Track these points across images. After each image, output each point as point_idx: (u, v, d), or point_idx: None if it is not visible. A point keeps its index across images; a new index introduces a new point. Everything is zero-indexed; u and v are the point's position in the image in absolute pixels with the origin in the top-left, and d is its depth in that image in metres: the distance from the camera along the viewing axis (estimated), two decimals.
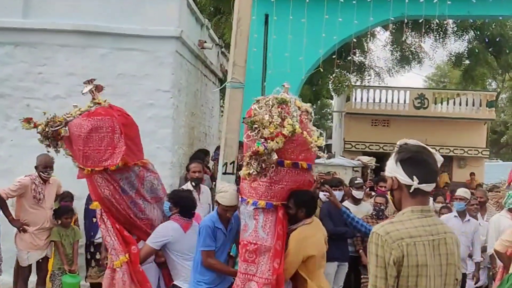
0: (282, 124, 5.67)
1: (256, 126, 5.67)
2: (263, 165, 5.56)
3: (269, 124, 5.62)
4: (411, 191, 3.36)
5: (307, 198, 5.98)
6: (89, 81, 6.89)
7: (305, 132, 5.82)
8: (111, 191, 6.49)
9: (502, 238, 7.67)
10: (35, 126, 6.77)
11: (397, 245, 3.22)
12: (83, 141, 6.47)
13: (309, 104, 6.26)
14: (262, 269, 5.85)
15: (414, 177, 3.34)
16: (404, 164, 3.39)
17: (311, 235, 5.95)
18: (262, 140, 5.57)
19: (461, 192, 9.60)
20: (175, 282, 6.66)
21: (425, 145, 3.52)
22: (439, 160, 3.53)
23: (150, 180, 6.76)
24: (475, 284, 9.28)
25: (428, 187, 3.37)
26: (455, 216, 9.30)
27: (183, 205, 6.71)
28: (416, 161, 3.39)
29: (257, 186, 6.00)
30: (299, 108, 6.06)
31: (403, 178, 3.38)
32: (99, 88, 6.90)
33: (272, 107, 5.80)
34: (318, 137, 5.76)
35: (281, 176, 5.92)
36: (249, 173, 5.61)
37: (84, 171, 6.57)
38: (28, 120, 6.79)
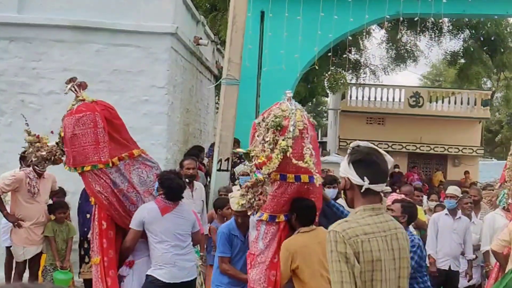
0: (274, 148, 5.63)
1: (252, 156, 5.74)
2: (256, 199, 5.61)
3: (262, 153, 5.63)
4: (362, 191, 3.54)
5: (302, 205, 5.79)
6: (70, 80, 6.88)
7: (304, 148, 5.77)
8: (102, 186, 6.47)
9: (499, 237, 7.67)
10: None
11: (353, 242, 3.38)
12: (69, 141, 6.47)
13: (312, 122, 6.10)
14: (255, 278, 5.84)
15: (365, 178, 3.51)
16: (356, 165, 3.57)
17: (302, 245, 5.73)
18: (255, 169, 5.63)
19: (452, 190, 9.62)
20: (148, 272, 6.44)
21: (376, 147, 3.71)
22: (390, 161, 3.74)
23: (138, 173, 6.69)
24: (468, 281, 9.29)
25: (378, 187, 3.57)
26: (446, 214, 9.32)
27: (167, 187, 6.48)
28: (367, 162, 3.57)
29: None
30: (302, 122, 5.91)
31: (355, 179, 3.56)
32: (83, 86, 6.88)
33: (268, 131, 5.72)
34: (308, 159, 5.66)
35: (284, 189, 5.86)
36: (242, 204, 5.66)
37: (77, 171, 6.54)
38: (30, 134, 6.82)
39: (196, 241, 6.90)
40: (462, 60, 26.10)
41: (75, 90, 6.77)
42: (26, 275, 9.08)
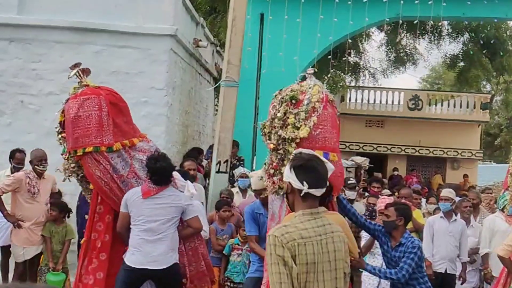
0: (284, 124, 5.71)
1: (264, 132, 5.86)
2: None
3: (272, 130, 5.74)
4: (302, 195, 3.76)
5: None
6: (75, 65, 6.90)
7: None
8: (101, 171, 6.44)
9: (505, 242, 7.65)
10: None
11: (290, 246, 3.60)
12: (72, 123, 6.45)
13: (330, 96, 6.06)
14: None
15: (304, 183, 3.73)
16: (296, 170, 3.78)
17: None
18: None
19: (446, 192, 9.61)
20: (123, 258, 6.35)
21: (317, 155, 3.99)
22: (330, 168, 3.97)
23: (139, 158, 6.67)
24: (461, 284, 9.27)
25: (317, 192, 3.79)
26: (441, 217, 9.31)
27: (150, 169, 6.34)
28: (307, 168, 3.78)
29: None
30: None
31: (295, 183, 3.77)
32: (86, 72, 6.91)
33: (282, 104, 5.79)
34: (305, 129, 5.66)
35: None
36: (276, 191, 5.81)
37: (77, 154, 6.50)
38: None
39: (194, 228, 6.54)
40: (462, 63, 26.10)
41: (79, 75, 6.78)
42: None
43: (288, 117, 5.71)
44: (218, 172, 10.78)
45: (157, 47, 10.62)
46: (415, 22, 13.28)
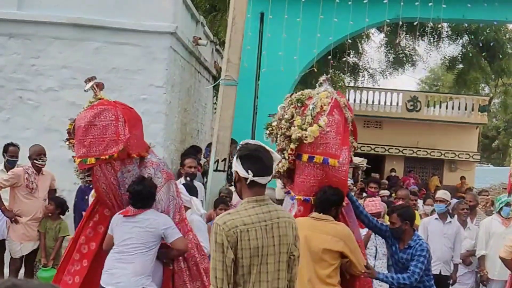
0: (291, 126, 5.85)
1: (270, 131, 6.01)
2: None
3: (279, 131, 5.91)
4: (247, 182, 3.94)
5: (319, 191, 5.88)
6: (90, 79, 6.88)
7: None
8: (106, 186, 6.42)
9: (506, 244, 7.69)
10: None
11: (232, 232, 3.81)
12: (86, 130, 6.38)
13: (342, 100, 6.14)
14: None
15: (249, 171, 3.91)
16: (242, 160, 3.98)
17: (302, 227, 5.89)
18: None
19: (441, 194, 9.64)
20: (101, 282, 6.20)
21: (263, 145, 4.08)
22: (276, 158, 4.12)
23: (147, 172, 6.63)
24: (452, 285, 9.29)
25: (262, 180, 3.96)
26: (436, 218, 9.33)
27: (129, 191, 6.25)
28: (252, 157, 3.97)
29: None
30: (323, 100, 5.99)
31: (241, 172, 3.95)
32: (99, 86, 6.88)
33: (289, 106, 5.96)
34: (310, 129, 5.76)
35: (301, 170, 5.96)
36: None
37: (88, 162, 6.46)
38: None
39: (178, 250, 6.25)
40: (461, 66, 26.12)
41: (94, 89, 6.77)
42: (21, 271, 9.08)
43: (295, 120, 5.83)
44: (216, 170, 10.78)
45: (157, 45, 10.61)
46: (415, 23, 13.29)
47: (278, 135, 5.92)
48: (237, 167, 4.00)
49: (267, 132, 6.05)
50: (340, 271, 5.82)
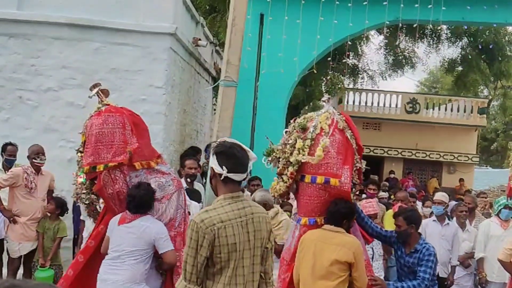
0: (293, 150, 6.02)
1: (273, 156, 6.16)
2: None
3: (282, 154, 6.08)
4: (222, 179, 4.09)
5: (330, 206, 5.97)
6: (95, 85, 6.89)
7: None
8: (114, 191, 6.41)
9: (505, 247, 7.69)
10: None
11: (210, 230, 3.94)
12: (95, 137, 6.37)
13: (340, 120, 6.21)
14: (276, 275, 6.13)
15: (224, 167, 4.05)
16: (218, 156, 4.13)
17: (312, 237, 5.97)
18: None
19: (439, 196, 9.66)
20: None
21: (240, 144, 4.23)
22: (252, 157, 4.25)
23: (156, 179, 6.61)
24: (449, 287, 9.29)
25: (237, 177, 4.10)
26: (433, 220, 9.34)
27: (127, 198, 6.24)
28: (227, 154, 4.11)
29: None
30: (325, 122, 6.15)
31: (216, 168, 4.11)
32: (105, 93, 6.88)
33: (293, 131, 6.11)
34: (319, 154, 5.90)
35: (304, 190, 6.06)
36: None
37: (97, 169, 6.44)
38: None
39: (167, 263, 6.16)
40: (460, 68, 26.14)
41: (100, 95, 6.78)
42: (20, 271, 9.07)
43: (297, 144, 5.99)
44: None
45: (157, 45, 10.61)
46: (414, 25, 13.30)
47: (281, 160, 6.07)
48: (213, 163, 4.15)
49: (269, 159, 6.17)
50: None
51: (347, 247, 5.78)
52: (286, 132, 6.16)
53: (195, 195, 8.81)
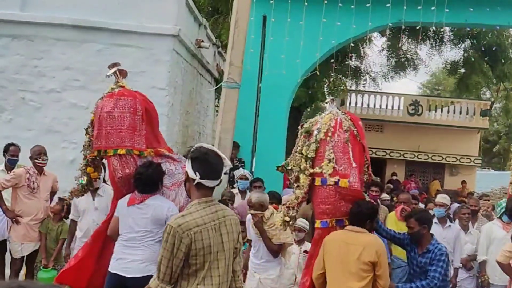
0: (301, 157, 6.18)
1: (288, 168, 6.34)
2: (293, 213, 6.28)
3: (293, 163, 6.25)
4: (194, 183, 4.24)
5: (353, 207, 6.07)
6: (113, 65, 6.87)
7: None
8: (123, 176, 6.38)
9: (504, 249, 7.69)
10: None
11: (186, 235, 4.10)
12: (105, 120, 6.36)
13: (346, 124, 6.25)
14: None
15: (197, 173, 4.19)
16: (193, 161, 4.26)
17: (336, 238, 6.05)
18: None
19: (441, 198, 9.65)
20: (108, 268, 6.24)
21: (216, 151, 4.37)
22: (226, 164, 4.37)
23: (166, 166, 6.58)
24: None
25: (209, 183, 4.25)
26: (435, 222, 9.32)
27: (134, 176, 6.23)
28: (202, 161, 4.24)
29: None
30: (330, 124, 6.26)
31: (190, 173, 4.25)
32: (123, 73, 6.87)
33: (300, 137, 6.27)
34: (326, 164, 5.99)
35: (316, 193, 6.19)
36: (285, 221, 6.28)
37: (107, 154, 6.43)
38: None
39: None
40: (462, 70, 26.08)
41: (117, 75, 6.75)
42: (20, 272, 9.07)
43: (302, 150, 6.16)
44: None
45: (160, 47, 10.61)
46: (417, 27, 13.28)
47: (293, 168, 6.20)
48: (188, 167, 4.29)
49: (287, 174, 6.46)
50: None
51: (370, 246, 5.86)
52: (297, 139, 6.31)
53: None
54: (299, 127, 6.41)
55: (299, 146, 6.22)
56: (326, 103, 6.44)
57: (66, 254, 8.56)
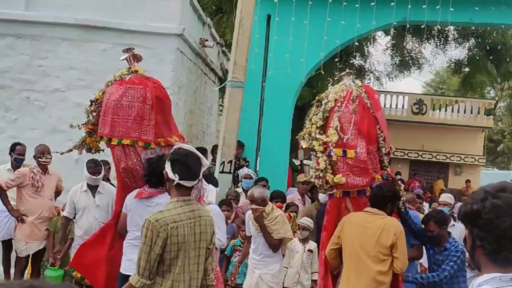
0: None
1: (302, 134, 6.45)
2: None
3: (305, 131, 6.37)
4: (174, 184, 4.46)
5: (375, 190, 6.13)
6: (127, 50, 6.82)
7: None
8: (127, 166, 6.36)
9: None
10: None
11: (163, 229, 4.32)
12: (112, 108, 6.31)
13: (354, 93, 6.26)
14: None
15: (176, 175, 4.41)
16: (172, 163, 4.48)
17: (353, 220, 6.11)
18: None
19: (445, 197, 9.67)
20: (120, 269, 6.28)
21: (194, 152, 4.59)
22: (205, 164, 4.64)
23: None
24: None
25: (187, 183, 4.47)
26: None
27: (146, 168, 6.22)
28: (180, 163, 4.46)
29: None
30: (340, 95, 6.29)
31: (170, 173, 4.45)
32: (138, 58, 6.82)
33: (312, 107, 6.48)
34: (332, 132, 6.06)
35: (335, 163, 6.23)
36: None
37: (111, 142, 6.41)
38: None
39: None
40: (467, 69, 26.02)
41: (130, 61, 6.69)
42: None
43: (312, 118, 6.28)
44: (222, 172, 10.79)
45: (164, 46, 10.62)
46: (422, 26, 13.27)
47: (306, 136, 6.25)
48: (168, 168, 4.48)
49: (303, 145, 6.39)
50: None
51: (388, 229, 5.89)
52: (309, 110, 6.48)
53: (211, 180, 8.79)
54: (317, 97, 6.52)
55: (309, 114, 6.28)
56: (343, 75, 6.47)
57: (56, 250, 8.49)
